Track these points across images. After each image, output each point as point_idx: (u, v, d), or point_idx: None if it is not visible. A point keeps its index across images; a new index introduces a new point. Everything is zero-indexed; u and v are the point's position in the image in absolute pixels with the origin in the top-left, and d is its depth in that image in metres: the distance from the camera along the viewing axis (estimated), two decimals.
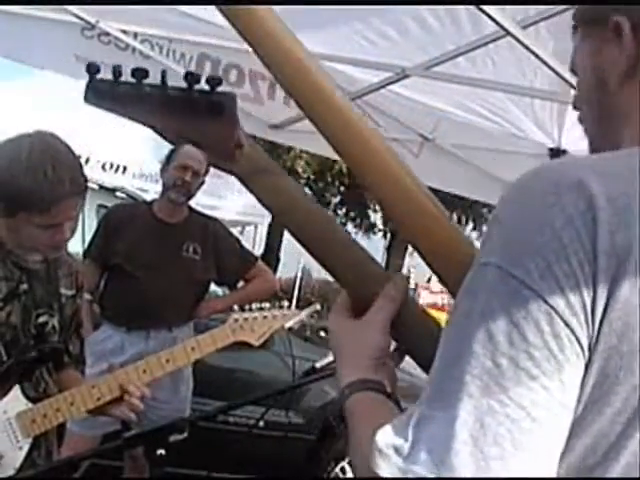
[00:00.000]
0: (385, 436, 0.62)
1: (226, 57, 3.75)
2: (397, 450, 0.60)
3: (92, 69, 0.84)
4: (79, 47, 3.53)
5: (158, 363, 1.90)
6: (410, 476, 0.58)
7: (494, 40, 2.79)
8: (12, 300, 1.78)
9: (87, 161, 7.44)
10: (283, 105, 3.94)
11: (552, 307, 0.59)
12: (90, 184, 2.00)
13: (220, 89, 0.85)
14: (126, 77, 0.85)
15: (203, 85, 0.84)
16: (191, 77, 0.84)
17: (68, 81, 4.78)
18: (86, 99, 0.85)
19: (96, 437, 3.10)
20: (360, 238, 18.55)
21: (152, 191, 6.94)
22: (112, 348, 3.15)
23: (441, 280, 0.86)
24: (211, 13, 3.38)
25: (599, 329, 0.59)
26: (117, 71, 0.84)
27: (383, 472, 0.60)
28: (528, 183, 0.66)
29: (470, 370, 0.59)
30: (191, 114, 0.84)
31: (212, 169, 3.66)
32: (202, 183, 3.39)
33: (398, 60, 3.22)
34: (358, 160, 0.86)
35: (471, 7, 2.51)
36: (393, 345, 0.89)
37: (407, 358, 0.91)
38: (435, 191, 0.85)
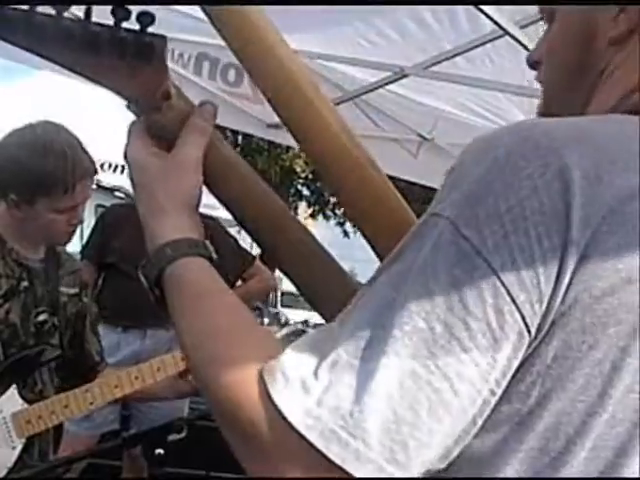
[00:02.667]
0: (293, 365, 0.56)
1: (225, 57, 3.74)
2: (305, 388, 0.55)
3: None
4: None
5: (150, 370, 1.95)
6: (310, 422, 0.54)
7: (493, 40, 2.80)
8: (12, 297, 1.78)
9: None
10: None
11: (500, 279, 0.54)
12: None
13: (151, 29, 0.73)
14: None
15: (133, 23, 0.73)
16: (119, 12, 0.72)
17: (67, 81, 4.79)
18: None
19: (94, 437, 3.10)
20: (359, 237, 18.56)
21: None
22: (107, 348, 3.14)
23: (370, 243, 0.83)
24: None
25: (562, 303, 0.55)
26: None
27: (285, 404, 0.55)
28: (502, 140, 0.60)
29: (401, 325, 0.54)
30: (115, 55, 0.72)
31: None
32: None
33: (397, 60, 3.22)
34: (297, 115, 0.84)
35: (470, 7, 2.51)
36: None
37: None
38: (433, 190, 0.85)
